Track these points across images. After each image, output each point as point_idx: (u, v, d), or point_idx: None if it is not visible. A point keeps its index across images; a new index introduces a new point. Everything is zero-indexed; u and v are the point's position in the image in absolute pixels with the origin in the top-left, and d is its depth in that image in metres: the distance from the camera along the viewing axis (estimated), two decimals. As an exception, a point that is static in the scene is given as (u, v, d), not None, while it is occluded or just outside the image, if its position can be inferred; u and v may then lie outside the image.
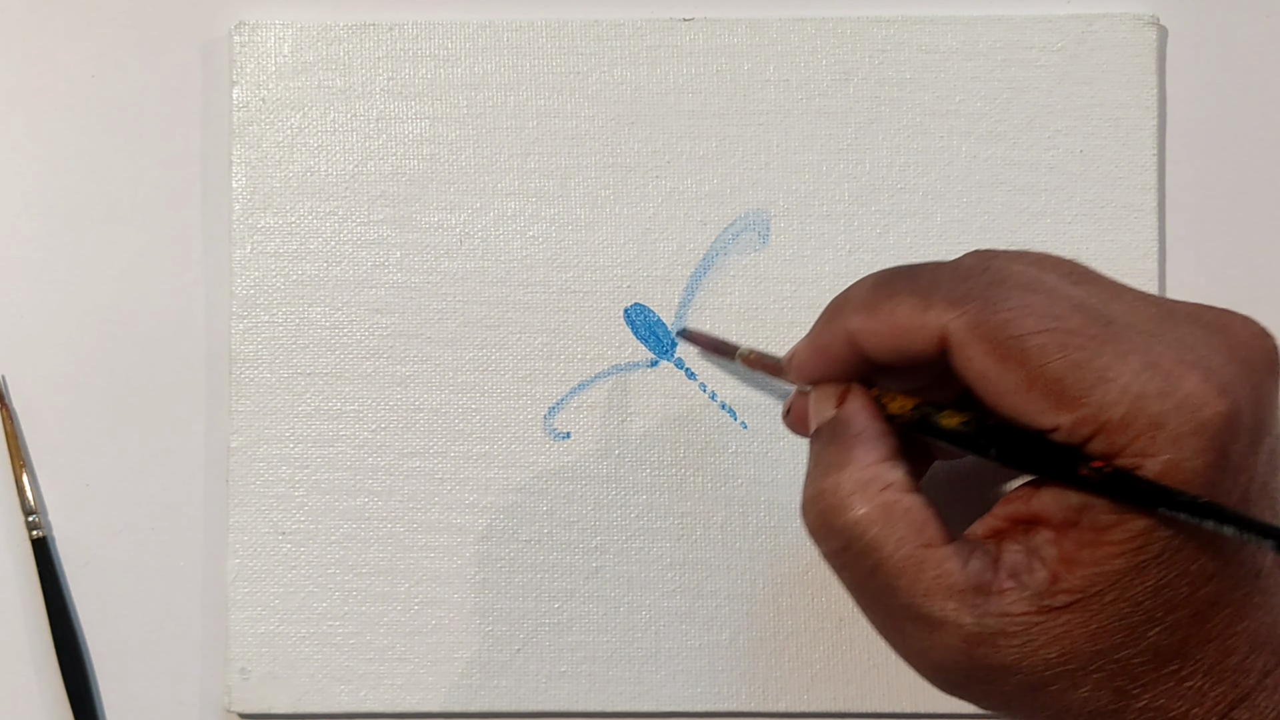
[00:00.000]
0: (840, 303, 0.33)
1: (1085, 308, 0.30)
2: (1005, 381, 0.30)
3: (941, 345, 0.31)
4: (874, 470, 0.32)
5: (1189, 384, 0.28)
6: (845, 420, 0.33)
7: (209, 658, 0.44)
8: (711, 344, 0.42)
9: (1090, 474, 0.29)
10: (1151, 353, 0.29)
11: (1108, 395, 0.28)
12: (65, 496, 0.44)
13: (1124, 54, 0.43)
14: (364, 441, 0.43)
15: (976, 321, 0.30)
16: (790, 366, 0.35)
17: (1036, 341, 0.29)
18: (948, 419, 0.32)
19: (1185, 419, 0.28)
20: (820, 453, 0.33)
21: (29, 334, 0.44)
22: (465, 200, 0.44)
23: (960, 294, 0.30)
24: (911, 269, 0.32)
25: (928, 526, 0.31)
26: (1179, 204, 0.44)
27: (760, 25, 0.44)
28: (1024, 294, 0.30)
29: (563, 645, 0.43)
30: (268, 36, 0.44)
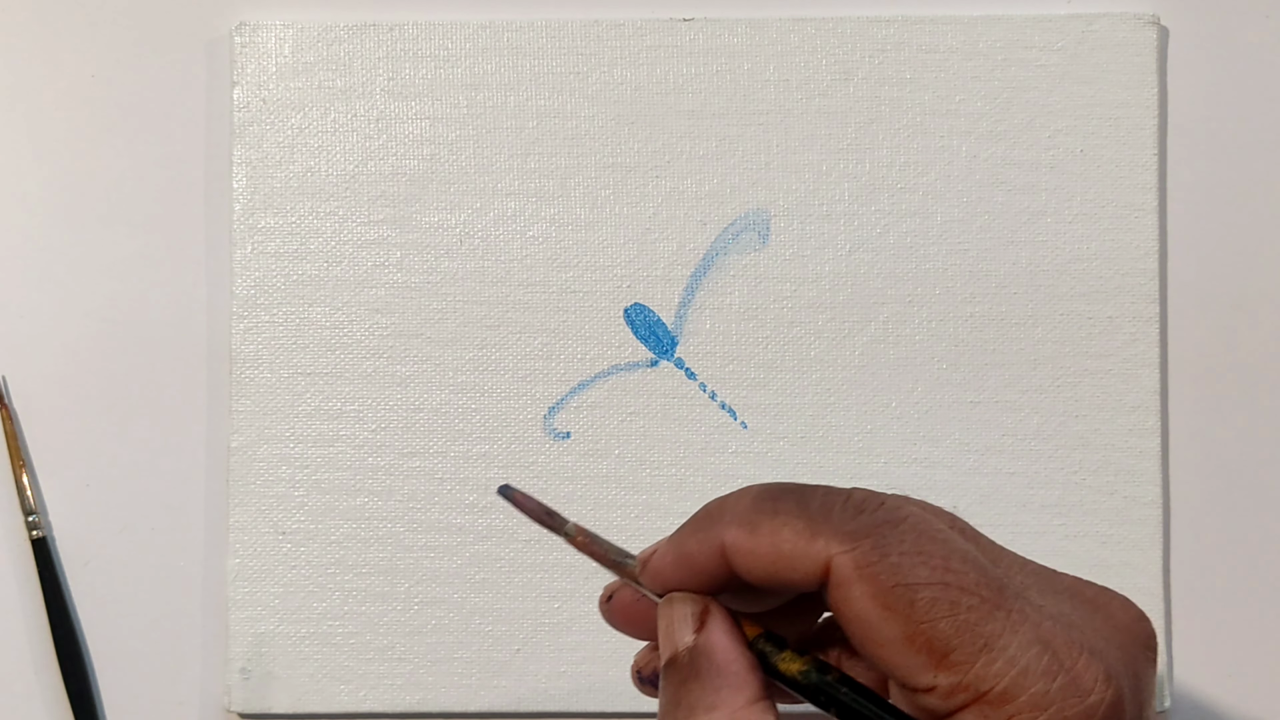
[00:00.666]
0: (717, 511, 0.30)
1: (980, 566, 0.28)
2: (885, 630, 0.28)
3: (823, 578, 0.28)
4: (743, 715, 0.29)
5: (1077, 666, 0.27)
6: (706, 652, 0.30)
7: (209, 658, 0.44)
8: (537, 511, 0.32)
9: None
10: (1042, 627, 0.27)
11: (992, 665, 0.27)
12: (65, 496, 0.44)
13: (1124, 54, 0.43)
14: (364, 441, 0.43)
15: (866, 561, 0.28)
16: (648, 570, 0.31)
17: (926, 594, 0.27)
18: (787, 663, 0.29)
19: (1071, 702, 0.27)
20: (678, 690, 0.30)
21: (29, 334, 0.44)
22: (465, 200, 0.44)
23: (852, 528, 0.28)
24: (801, 490, 0.30)
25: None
26: (1179, 204, 0.44)
27: (760, 25, 0.44)
28: (919, 540, 0.28)
29: (563, 645, 0.43)
30: (268, 37, 0.44)
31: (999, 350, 0.43)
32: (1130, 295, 0.43)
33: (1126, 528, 0.43)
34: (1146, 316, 0.43)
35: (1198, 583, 0.44)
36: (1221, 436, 0.44)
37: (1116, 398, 0.43)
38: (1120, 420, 0.43)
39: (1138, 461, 0.43)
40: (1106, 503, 0.43)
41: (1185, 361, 0.44)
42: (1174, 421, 0.44)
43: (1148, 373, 0.43)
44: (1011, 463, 0.43)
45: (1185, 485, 0.44)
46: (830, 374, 0.43)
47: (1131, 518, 0.43)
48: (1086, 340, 0.43)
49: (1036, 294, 0.43)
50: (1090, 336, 0.43)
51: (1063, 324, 0.43)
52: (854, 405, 0.43)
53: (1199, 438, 0.44)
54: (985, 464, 0.43)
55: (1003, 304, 0.43)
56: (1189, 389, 0.44)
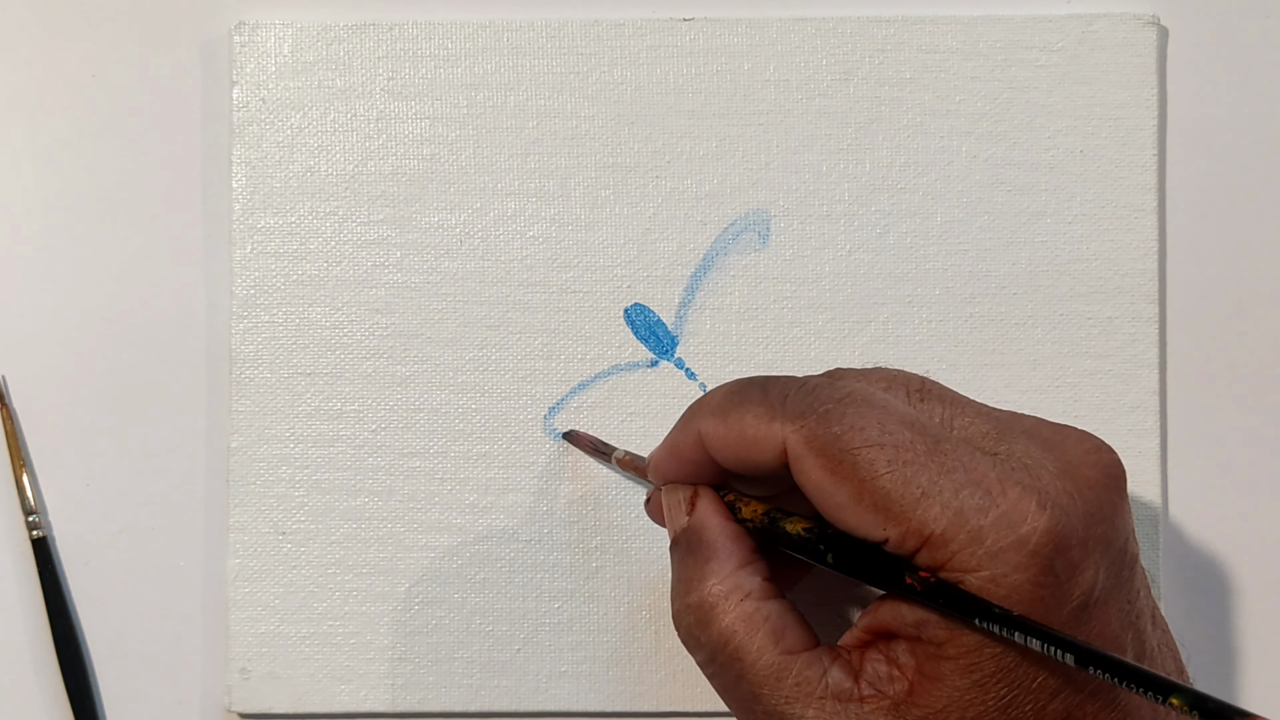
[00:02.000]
0: (696, 407, 0.34)
1: (917, 425, 0.31)
2: (838, 494, 0.30)
3: (783, 457, 0.32)
4: (732, 580, 0.33)
5: (1008, 499, 0.29)
6: (697, 529, 0.34)
7: (209, 658, 0.44)
8: (589, 445, 0.42)
9: (915, 583, 0.30)
10: (975, 469, 0.30)
11: (929, 510, 0.29)
12: (65, 496, 0.44)
13: (1124, 54, 0.43)
14: (364, 441, 0.43)
15: (812, 435, 0.31)
16: (650, 465, 0.36)
17: (865, 456, 0.30)
18: (792, 524, 0.33)
19: (1004, 534, 0.29)
20: (680, 565, 0.34)
21: (29, 334, 0.44)
22: (465, 200, 0.44)
23: (801, 408, 0.31)
24: (765, 381, 0.33)
25: (788, 633, 0.32)
26: (1179, 204, 0.44)
27: (760, 25, 0.44)
28: (859, 410, 0.31)
29: (563, 645, 0.43)
30: (268, 36, 0.44)
31: (999, 350, 0.43)
32: (1130, 295, 0.43)
33: (1126, 528, 0.43)
34: (1146, 317, 0.43)
35: (1196, 583, 0.44)
36: (1221, 437, 0.44)
37: (1116, 398, 0.43)
38: (1120, 420, 0.43)
39: (1137, 461, 0.43)
40: (1106, 503, 0.43)
41: (1185, 362, 0.44)
42: (1173, 422, 0.44)
43: (1147, 373, 0.43)
44: (1011, 463, 0.43)
45: (1184, 485, 0.44)
46: (830, 374, 0.43)
47: (1131, 518, 0.43)
48: (1086, 340, 0.43)
49: (1036, 294, 0.43)
50: (1090, 337, 0.43)
51: (1063, 324, 0.43)
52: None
53: (1198, 438, 0.44)
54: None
55: (1003, 304, 0.43)
56: (1189, 389, 0.44)
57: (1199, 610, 0.44)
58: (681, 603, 0.33)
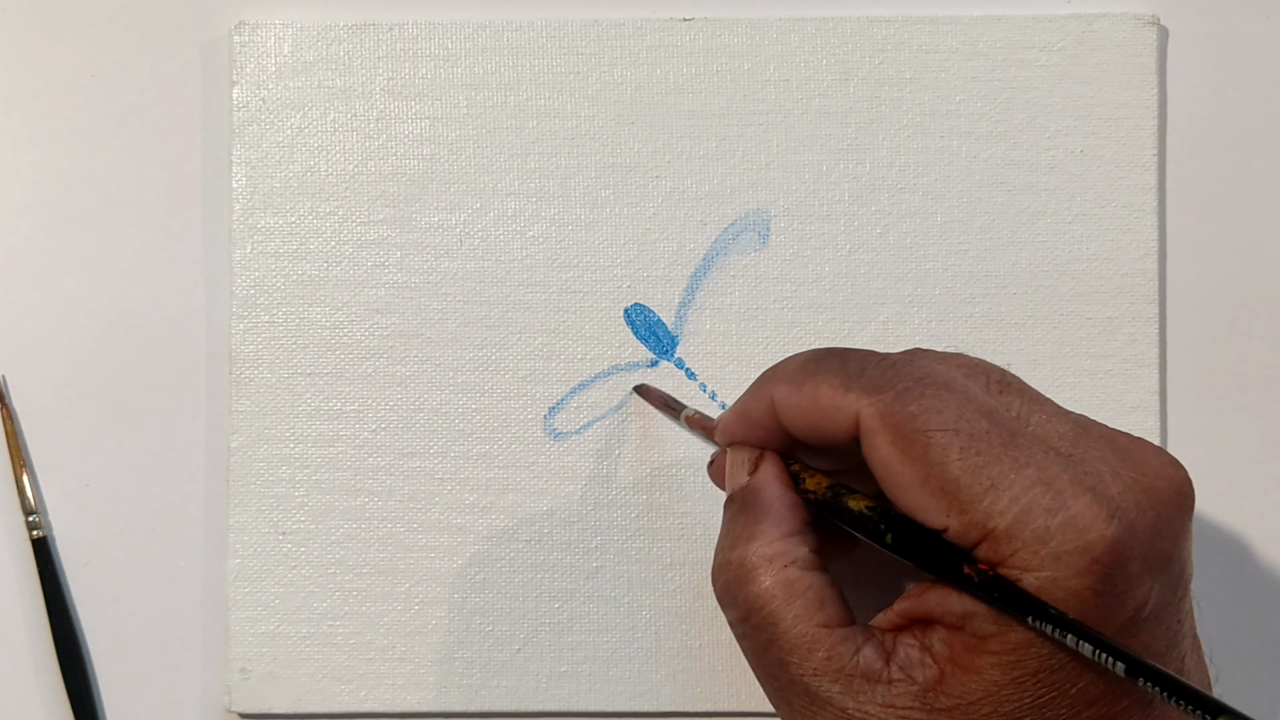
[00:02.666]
0: (771, 372, 0.34)
1: (994, 416, 0.30)
2: (905, 474, 0.30)
3: (855, 429, 0.31)
4: (779, 545, 0.32)
5: (1078, 505, 0.29)
6: (755, 490, 0.34)
7: (209, 658, 0.44)
8: (660, 401, 0.42)
9: (972, 574, 0.29)
10: (1048, 469, 0.29)
11: (997, 504, 0.29)
12: (65, 496, 0.44)
13: (1124, 54, 0.43)
14: (364, 441, 0.43)
15: (887, 411, 0.30)
16: (718, 426, 0.36)
17: (939, 440, 0.30)
18: (855, 501, 0.32)
19: (1069, 538, 0.28)
20: (730, 522, 0.34)
21: (29, 334, 0.44)
22: (465, 200, 0.44)
23: (879, 383, 0.31)
24: (844, 352, 0.33)
25: (826, 606, 0.32)
26: (1179, 204, 0.44)
27: (760, 25, 0.44)
28: (938, 392, 0.30)
29: (563, 645, 0.43)
30: (268, 36, 0.44)
31: (999, 350, 0.43)
32: (1130, 295, 0.43)
33: (1126, 528, 0.43)
34: (1146, 317, 0.43)
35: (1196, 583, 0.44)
36: (1221, 436, 0.44)
37: (1116, 398, 0.43)
38: (1120, 420, 0.43)
39: (1137, 461, 0.43)
40: (1106, 503, 0.43)
41: (1185, 362, 0.44)
42: (1173, 421, 0.44)
43: (1147, 373, 0.43)
44: (1011, 463, 0.43)
45: (1185, 485, 0.44)
46: (830, 374, 0.43)
47: (1131, 518, 0.43)
48: (1086, 340, 0.43)
49: (1036, 294, 0.43)
50: (1090, 337, 0.43)
51: (1063, 324, 0.43)
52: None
53: (1199, 438, 0.44)
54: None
55: (1003, 304, 0.43)
56: (1188, 389, 0.44)
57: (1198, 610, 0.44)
58: (724, 557, 0.33)
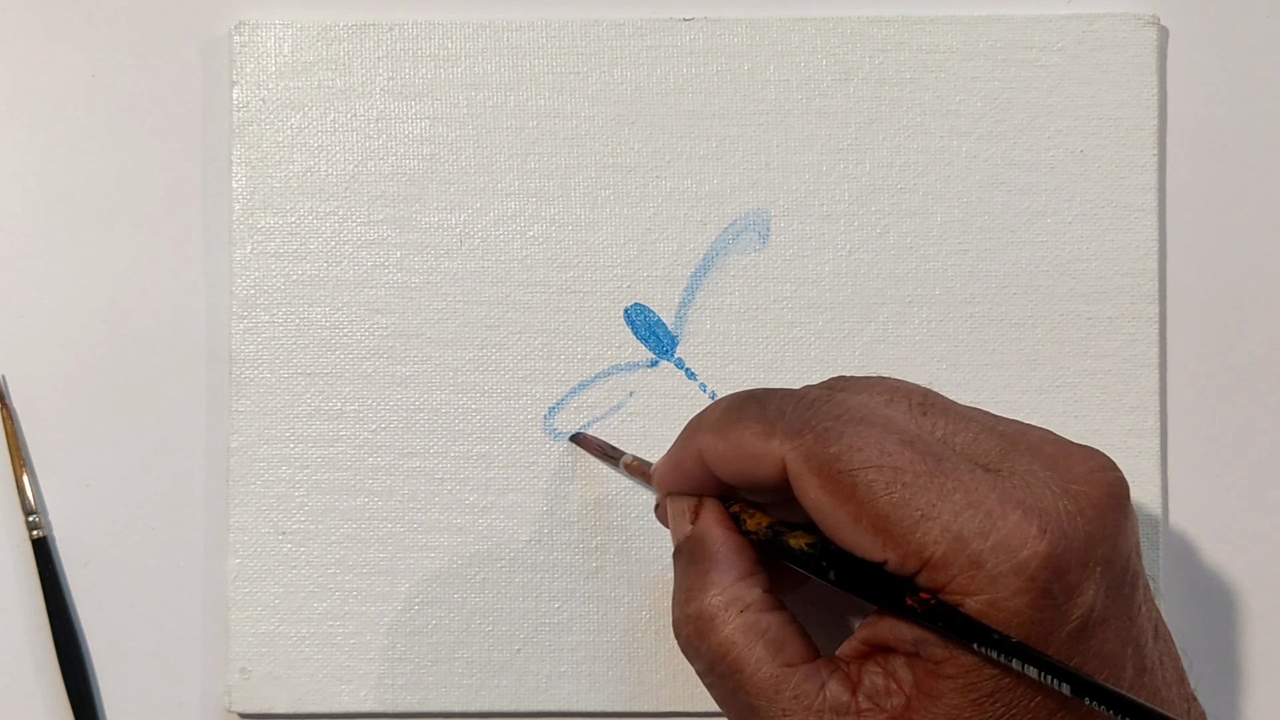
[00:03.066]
0: (696, 422, 0.34)
1: (917, 444, 0.30)
2: (837, 515, 0.30)
3: (783, 473, 0.31)
4: (732, 591, 0.33)
5: (1008, 524, 0.29)
6: (700, 539, 0.34)
7: (209, 658, 0.44)
8: (598, 449, 0.42)
9: (915, 604, 0.30)
10: (975, 491, 0.29)
11: (929, 533, 0.29)
12: (65, 496, 0.44)
13: (1124, 54, 0.43)
14: (364, 441, 0.43)
15: (810, 454, 0.31)
16: (654, 476, 0.36)
17: (864, 478, 0.30)
18: (796, 539, 0.33)
19: (1002, 558, 0.29)
20: (682, 574, 0.34)
21: (29, 334, 0.44)
22: (465, 200, 0.44)
23: (799, 425, 0.31)
24: (764, 396, 0.33)
25: (787, 645, 0.32)
26: (1179, 204, 0.44)
27: (760, 25, 0.44)
28: (857, 429, 0.30)
29: (563, 645, 0.43)
30: (268, 36, 0.44)
31: (999, 350, 0.43)
32: (1130, 295, 0.43)
33: (1126, 528, 0.43)
34: (1146, 317, 0.43)
35: (1196, 583, 0.44)
36: (1221, 437, 0.44)
37: (1116, 398, 0.43)
38: (1120, 420, 0.43)
39: (1137, 461, 0.43)
40: (1106, 503, 0.43)
41: (1185, 362, 0.44)
42: (1173, 422, 0.44)
43: (1147, 373, 0.43)
44: (1011, 463, 0.43)
45: (1185, 485, 0.44)
46: (830, 374, 0.43)
47: (1131, 518, 0.43)
48: (1086, 340, 0.43)
49: (1036, 294, 0.43)
50: (1090, 336, 0.43)
51: (1063, 324, 0.43)
52: (854, 405, 0.43)
53: (1199, 438, 0.44)
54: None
55: (1003, 304, 0.43)
56: (1189, 389, 0.44)
57: (1199, 611, 0.44)
58: (681, 611, 0.33)
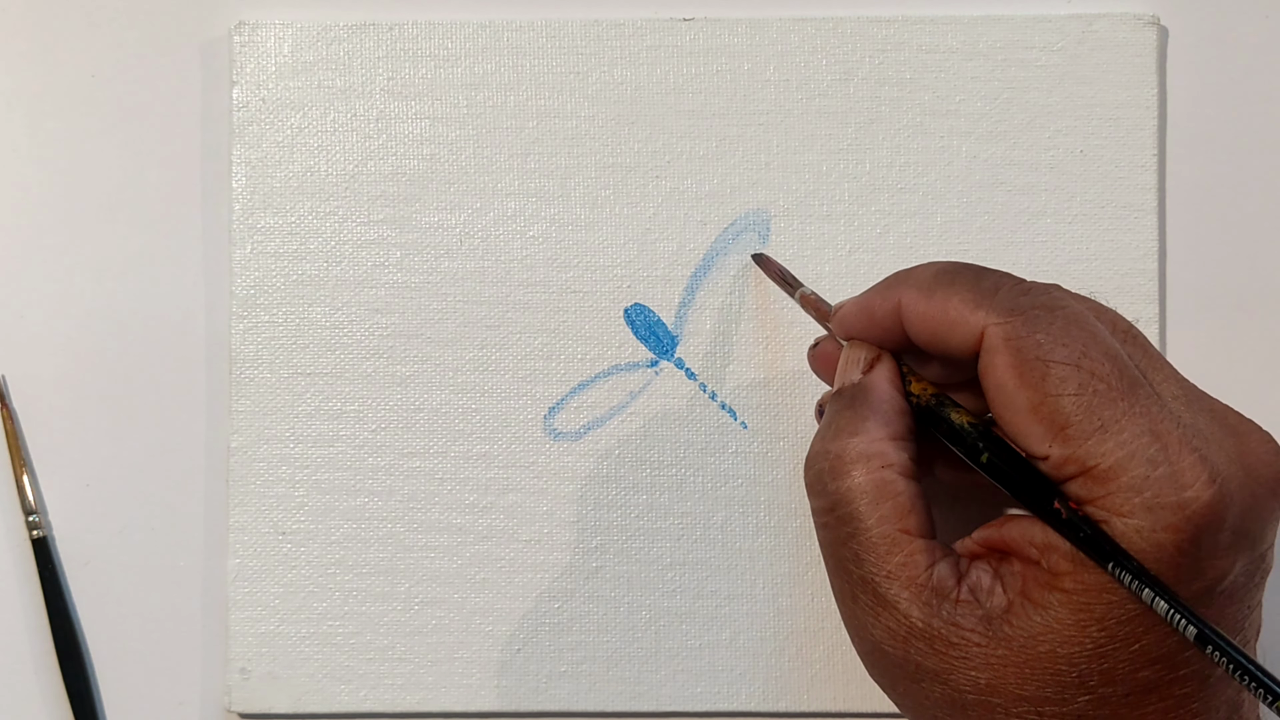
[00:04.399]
0: (903, 275, 0.34)
1: (1118, 360, 0.30)
2: (1017, 398, 0.30)
3: (976, 345, 0.31)
4: (880, 445, 0.33)
5: (1184, 462, 0.29)
6: (867, 388, 0.34)
7: (209, 658, 0.44)
8: (777, 274, 0.42)
9: (1060, 509, 0.30)
10: (1161, 423, 0.29)
11: (1103, 444, 0.29)
12: (65, 496, 0.44)
13: (1124, 54, 0.43)
14: (364, 441, 0.43)
15: (1014, 334, 0.31)
16: (836, 316, 0.36)
17: (1058, 372, 0.30)
18: (958, 415, 0.32)
19: (1166, 491, 0.29)
20: (836, 414, 0.34)
21: (29, 334, 0.44)
22: (465, 200, 0.44)
23: (1010, 305, 0.31)
24: (980, 270, 0.33)
25: (912, 514, 0.32)
26: (1179, 204, 0.44)
27: (760, 25, 0.44)
28: (1067, 325, 0.30)
29: (563, 645, 0.43)
30: (268, 36, 0.44)
31: (999, 350, 0.43)
32: (1130, 295, 0.43)
33: (1126, 528, 0.43)
34: (1146, 317, 0.43)
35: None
36: (1221, 436, 0.44)
37: (1116, 398, 0.43)
38: (1120, 420, 0.43)
39: (1137, 461, 0.43)
40: (1106, 503, 0.43)
41: (1185, 361, 0.44)
42: (1173, 421, 0.44)
43: (1147, 373, 0.43)
44: (1011, 463, 0.43)
45: (1185, 485, 0.44)
46: (830, 374, 0.43)
47: (1131, 518, 0.43)
48: (1086, 340, 0.43)
49: (1036, 294, 0.43)
50: (1090, 337, 0.43)
51: (1062, 324, 0.43)
52: (854, 405, 0.43)
53: (1198, 438, 0.44)
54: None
55: (1003, 304, 0.43)
56: (1189, 389, 0.44)
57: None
58: (823, 445, 0.33)
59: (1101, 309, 0.33)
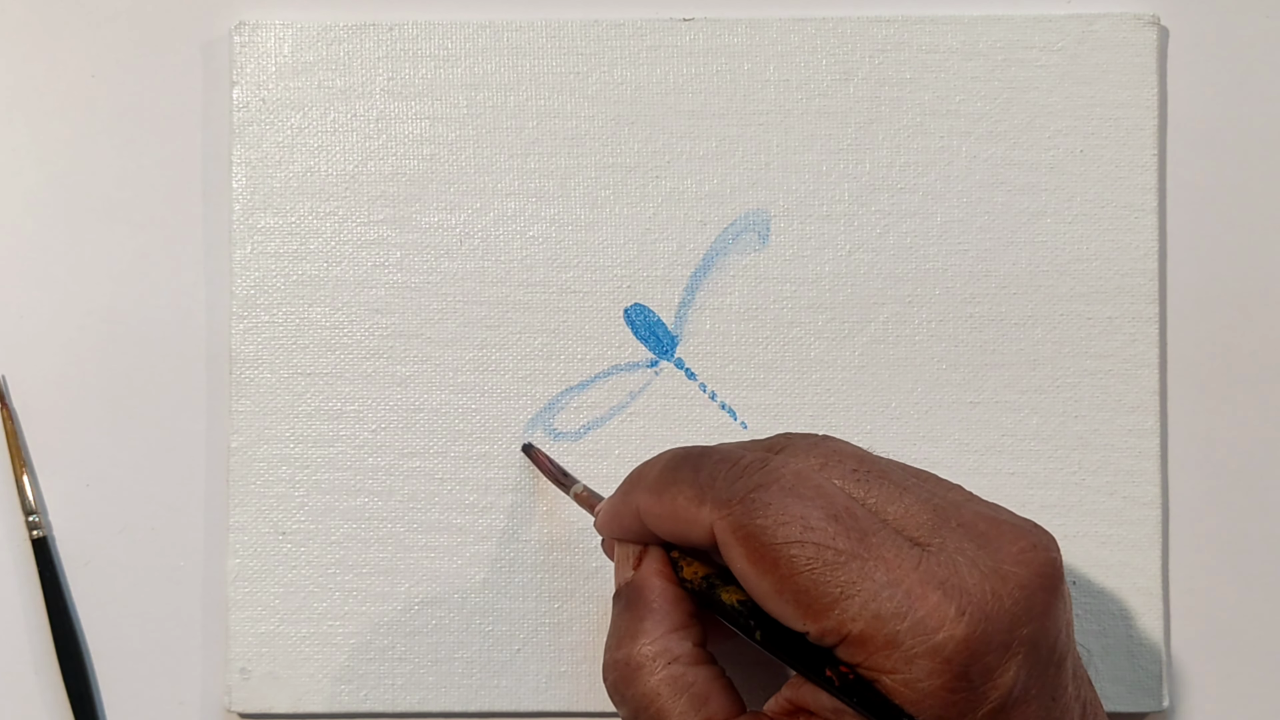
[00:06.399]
0: (635, 477, 0.35)
1: (844, 518, 0.30)
2: (761, 585, 0.31)
3: (713, 539, 0.32)
4: (663, 642, 0.33)
5: (927, 605, 0.29)
6: (639, 586, 0.35)
7: (209, 658, 0.44)
8: (550, 472, 0.42)
9: (833, 677, 0.30)
10: (898, 569, 0.30)
11: (848, 610, 0.29)
12: (65, 496, 0.44)
13: (1124, 54, 0.43)
14: (364, 441, 0.43)
15: (737, 524, 0.31)
16: (596, 521, 0.37)
17: (787, 552, 0.30)
18: (728, 595, 0.33)
19: (918, 639, 0.29)
20: (617, 618, 0.35)
21: (29, 334, 0.44)
22: (465, 200, 0.44)
23: (729, 494, 0.31)
24: (699, 455, 0.33)
25: (711, 700, 0.33)
26: (1179, 204, 0.44)
27: (760, 25, 0.44)
28: (784, 500, 0.31)
29: (563, 645, 0.43)
30: (268, 36, 0.44)
31: (999, 350, 0.43)
32: (1130, 295, 0.43)
33: (1125, 528, 0.43)
34: (1146, 317, 0.43)
35: (1197, 583, 0.44)
36: (1221, 437, 0.44)
37: (1116, 398, 0.43)
38: (1120, 421, 0.43)
39: (1137, 462, 0.43)
40: (1105, 503, 0.43)
41: (1185, 362, 0.44)
42: (1173, 422, 0.44)
43: (1147, 373, 0.43)
44: (1011, 463, 0.43)
45: (1184, 486, 0.44)
46: (830, 374, 0.43)
47: (1130, 518, 0.43)
48: (1086, 340, 0.43)
49: (1036, 294, 0.43)
50: (1090, 337, 0.43)
51: (1063, 324, 0.43)
52: (854, 405, 0.43)
53: (1198, 438, 0.44)
54: (985, 464, 0.43)
55: (1003, 304, 0.43)
56: (1188, 389, 0.44)
57: (1199, 611, 0.44)
58: (611, 656, 0.34)
59: (830, 451, 0.33)
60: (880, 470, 0.32)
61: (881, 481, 0.32)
